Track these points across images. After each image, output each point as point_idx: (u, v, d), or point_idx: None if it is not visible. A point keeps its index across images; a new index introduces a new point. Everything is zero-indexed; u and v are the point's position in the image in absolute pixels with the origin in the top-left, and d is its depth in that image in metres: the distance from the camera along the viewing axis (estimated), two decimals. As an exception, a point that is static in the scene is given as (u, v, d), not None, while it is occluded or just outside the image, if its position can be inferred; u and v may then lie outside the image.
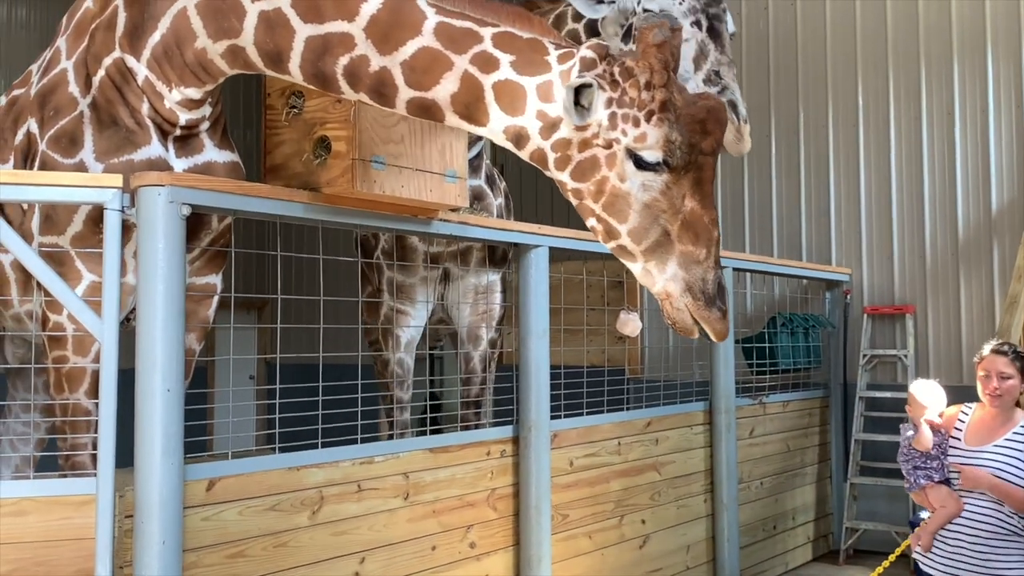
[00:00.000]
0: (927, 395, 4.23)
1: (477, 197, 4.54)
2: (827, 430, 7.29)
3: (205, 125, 3.42)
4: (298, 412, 3.61)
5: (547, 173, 2.82)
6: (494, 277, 4.95)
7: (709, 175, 2.70)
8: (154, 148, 3.24)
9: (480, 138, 4.04)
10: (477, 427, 4.74)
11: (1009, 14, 7.07)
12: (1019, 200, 6.96)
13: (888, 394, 7.16)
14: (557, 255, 4.66)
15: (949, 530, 3.98)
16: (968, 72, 7.22)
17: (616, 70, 2.68)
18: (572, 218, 9.91)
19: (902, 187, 7.44)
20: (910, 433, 4.20)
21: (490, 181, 4.87)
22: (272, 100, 3.53)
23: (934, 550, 4.04)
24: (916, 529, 4.23)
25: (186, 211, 3.01)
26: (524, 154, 2.82)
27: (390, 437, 4.47)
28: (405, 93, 2.79)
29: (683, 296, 2.67)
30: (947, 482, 4.10)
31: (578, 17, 4.34)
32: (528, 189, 10.80)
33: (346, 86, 2.86)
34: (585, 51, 2.72)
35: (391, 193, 3.44)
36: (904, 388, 7.10)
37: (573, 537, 4.71)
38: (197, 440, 3.28)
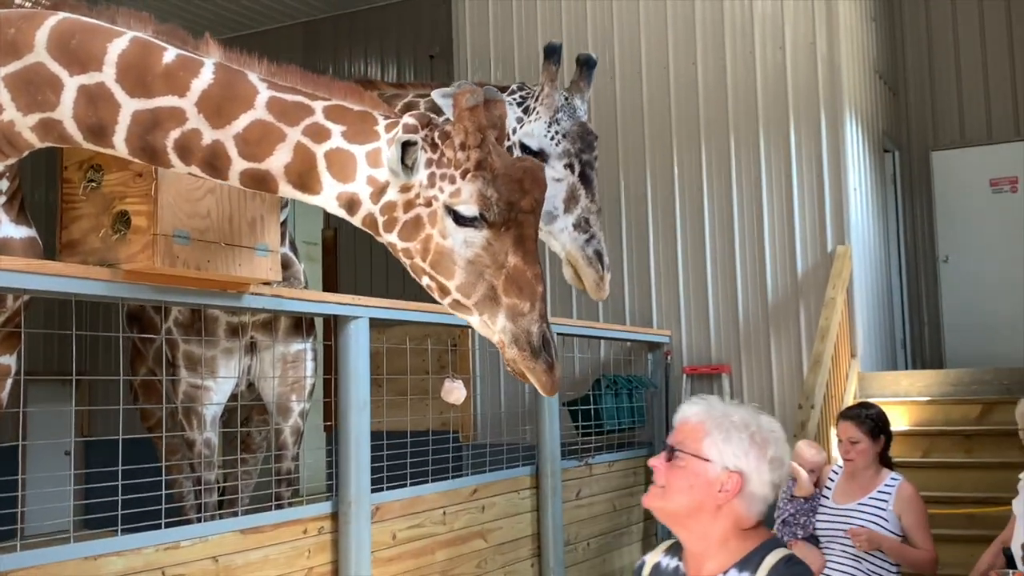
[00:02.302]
0: (811, 450, 4.51)
1: (284, 265, 4.45)
2: (653, 488, 7.47)
3: (1, 200, 3.27)
4: (107, 496, 3.44)
5: (378, 238, 2.90)
6: (303, 345, 4.83)
7: (530, 232, 2.81)
8: None
9: (286, 204, 4.00)
10: (291, 504, 4.61)
11: (808, 88, 7.67)
12: (822, 265, 7.46)
13: (708, 451, 7.43)
14: (385, 323, 4.61)
15: None
16: (773, 144, 7.75)
17: (436, 134, 2.80)
18: (407, 285, 9.97)
19: (716, 254, 7.86)
20: (791, 483, 4.33)
21: (293, 247, 4.80)
22: (69, 174, 3.40)
23: None
24: None
25: (-33, 291, 2.87)
26: (356, 220, 2.89)
27: (198, 520, 4.28)
28: (239, 164, 2.81)
29: (511, 347, 2.77)
30: (813, 539, 4.25)
31: (435, 111, 4.27)
32: (363, 258, 10.80)
33: (176, 159, 2.84)
34: (407, 119, 2.83)
35: (196, 269, 3.37)
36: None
37: (397, 612, 4.64)
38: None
